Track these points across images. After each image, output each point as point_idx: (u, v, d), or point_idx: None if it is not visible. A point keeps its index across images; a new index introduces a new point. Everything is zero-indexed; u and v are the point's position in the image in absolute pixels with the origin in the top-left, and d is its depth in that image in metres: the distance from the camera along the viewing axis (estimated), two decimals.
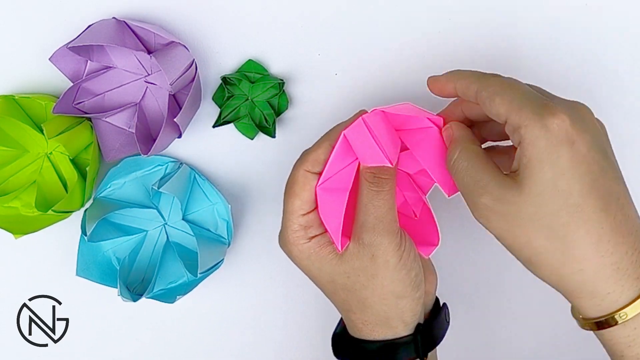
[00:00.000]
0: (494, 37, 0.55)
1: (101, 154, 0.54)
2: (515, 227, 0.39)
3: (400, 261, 0.45)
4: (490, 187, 0.40)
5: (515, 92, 0.40)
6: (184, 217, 0.55)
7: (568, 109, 0.39)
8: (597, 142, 0.39)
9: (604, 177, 0.38)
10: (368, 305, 0.46)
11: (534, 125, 0.38)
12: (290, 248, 0.46)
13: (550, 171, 0.38)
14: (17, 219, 0.54)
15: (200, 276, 0.53)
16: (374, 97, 0.56)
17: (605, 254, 0.38)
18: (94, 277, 0.54)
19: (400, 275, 0.45)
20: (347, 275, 0.46)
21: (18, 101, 0.53)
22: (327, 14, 0.55)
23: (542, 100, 0.39)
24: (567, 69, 0.55)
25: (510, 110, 0.39)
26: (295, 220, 0.46)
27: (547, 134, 0.38)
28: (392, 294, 0.45)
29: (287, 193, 0.46)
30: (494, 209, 0.40)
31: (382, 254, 0.44)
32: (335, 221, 0.45)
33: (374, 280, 0.45)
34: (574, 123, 0.38)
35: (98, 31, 0.50)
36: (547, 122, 0.38)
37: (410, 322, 0.47)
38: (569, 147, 0.38)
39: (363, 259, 0.45)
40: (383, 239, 0.44)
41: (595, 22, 0.55)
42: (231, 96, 0.55)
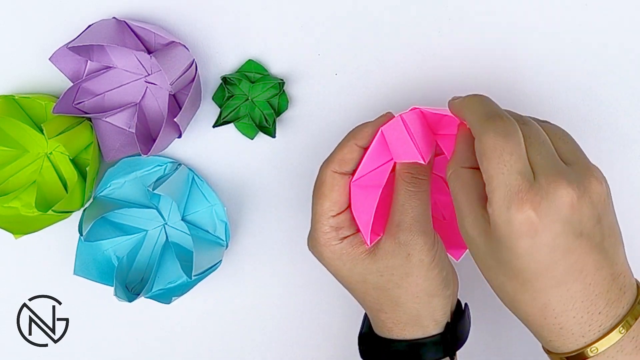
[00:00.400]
0: (494, 37, 0.55)
1: (101, 154, 0.54)
2: (480, 263, 0.41)
3: (434, 260, 0.46)
4: (466, 222, 0.41)
5: (500, 164, 0.38)
6: (183, 217, 0.55)
7: (542, 198, 0.37)
8: (570, 227, 0.38)
9: (568, 258, 0.38)
10: (401, 303, 0.47)
11: (499, 214, 0.38)
12: (321, 250, 0.46)
13: (506, 252, 0.38)
14: (17, 219, 0.54)
15: (195, 278, 0.53)
16: (374, 97, 0.56)
17: (549, 317, 0.40)
18: (93, 276, 0.54)
19: (433, 274, 0.46)
20: (380, 273, 0.46)
21: (18, 101, 0.53)
22: (327, 14, 0.55)
23: (518, 187, 0.38)
24: (567, 69, 0.55)
25: (489, 183, 0.39)
26: (326, 222, 0.46)
27: (509, 227, 0.38)
28: (425, 292, 0.46)
29: (316, 195, 0.46)
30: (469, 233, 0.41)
31: (417, 253, 0.45)
32: (366, 216, 0.45)
33: (408, 279, 0.46)
34: (542, 217, 0.37)
35: (98, 31, 0.50)
36: (512, 217, 0.37)
37: (441, 320, 0.47)
38: (529, 238, 0.38)
39: (398, 257, 0.45)
40: (419, 239, 0.45)
41: (596, 22, 0.55)
42: (231, 96, 0.55)
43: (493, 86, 0.55)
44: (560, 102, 0.56)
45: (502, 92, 0.55)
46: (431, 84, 0.55)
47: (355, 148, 0.46)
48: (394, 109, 0.56)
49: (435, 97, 0.55)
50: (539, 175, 0.38)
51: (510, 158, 0.38)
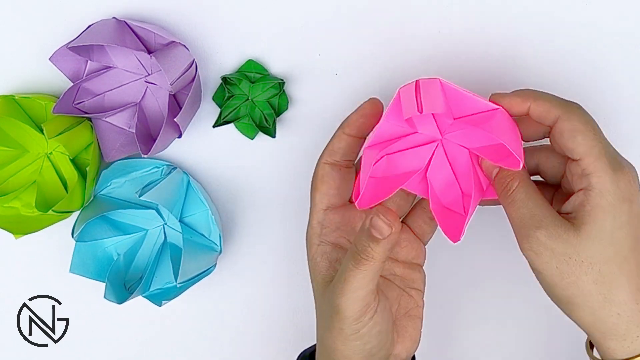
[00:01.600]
0: (494, 37, 0.55)
1: (101, 154, 0.54)
2: (565, 266, 0.41)
3: (355, 334, 0.43)
4: (547, 223, 0.41)
5: (596, 136, 0.41)
6: (181, 219, 0.55)
7: (630, 167, 0.42)
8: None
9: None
10: (323, 346, 0.45)
11: (606, 178, 0.40)
12: (307, 244, 0.47)
13: (611, 224, 0.40)
14: (17, 219, 0.54)
15: (181, 285, 0.53)
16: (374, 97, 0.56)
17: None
18: (90, 274, 0.54)
19: (352, 344, 0.44)
20: (319, 309, 0.46)
21: (18, 101, 0.53)
22: (327, 14, 0.55)
23: (614, 154, 0.42)
24: (567, 68, 0.55)
25: (589, 155, 0.41)
26: (316, 216, 0.46)
27: (616, 190, 0.40)
28: (341, 353, 0.44)
29: (311, 189, 0.47)
30: (547, 245, 0.41)
31: (339, 319, 0.43)
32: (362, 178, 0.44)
33: (327, 334, 0.44)
34: (634, 183, 0.41)
35: (98, 31, 0.50)
36: (619, 179, 0.40)
37: None
38: (629, 205, 0.41)
39: (326, 309, 0.44)
40: (346, 309, 0.42)
41: (596, 22, 0.55)
42: (231, 96, 0.55)
43: (493, 86, 0.55)
44: None
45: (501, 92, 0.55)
46: None
47: (344, 137, 0.46)
48: None
49: None
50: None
51: (601, 133, 0.42)
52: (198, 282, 0.54)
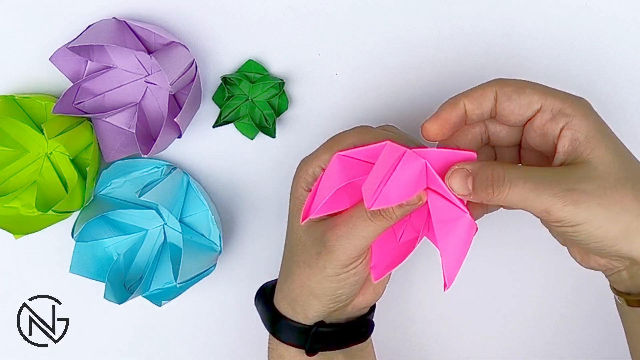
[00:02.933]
0: (494, 37, 0.55)
1: (101, 154, 0.54)
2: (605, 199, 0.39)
3: (335, 277, 0.45)
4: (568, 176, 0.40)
5: (539, 84, 0.42)
6: (181, 220, 0.55)
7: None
8: None
9: None
10: (289, 280, 0.47)
11: (577, 103, 0.41)
12: (295, 178, 0.47)
13: (606, 138, 0.41)
14: (17, 219, 0.54)
15: (181, 285, 0.53)
16: (374, 97, 0.56)
17: None
18: (90, 274, 0.54)
19: (327, 284, 0.45)
20: (297, 242, 0.47)
21: (18, 101, 0.53)
22: (327, 14, 0.55)
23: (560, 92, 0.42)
24: (567, 68, 0.55)
25: (546, 96, 0.41)
26: (313, 167, 0.46)
27: (591, 109, 0.41)
28: (310, 289, 0.46)
29: (328, 144, 0.46)
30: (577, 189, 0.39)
31: (325, 259, 0.45)
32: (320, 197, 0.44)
33: (306, 269, 0.46)
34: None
35: (98, 31, 0.50)
36: (584, 102, 0.42)
37: (311, 318, 0.47)
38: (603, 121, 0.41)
39: (313, 246, 0.45)
40: (336, 251, 0.44)
41: (596, 22, 0.55)
42: (231, 96, 0.55)
43: None
44: None
45: None
46: (431, 84, 0.55)
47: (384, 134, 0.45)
48: (394, 109, 0.56)
49: (435, 97, 0.55)
50: None
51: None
52: (198, 282, 0.54)
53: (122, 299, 0.53)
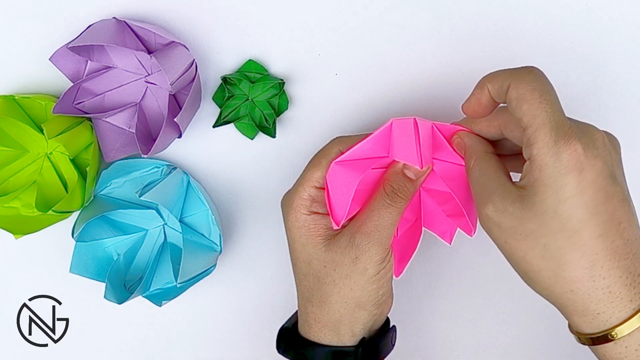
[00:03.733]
0: (494, 37, 0.55)
1: (101, 154, 0.54)
2: (514, 241, 0.40)
3: (377, 275, 0.46)
4: (495, 197, 0.41)
5: (543, 103, 0.39)
6: (181, 219, 0.55)
7: (582, 135, 0.39)
8: (607, 168, 0.39)
9: (608, 203, 0.39)
10: (328, 302, 0.47)
11: (547, 150, 0.38)
12: (289, 211, 0.47)
13: (553, 197, 0.38)
14: (17, 219, 0.54)
15: (181, 285, 0.53)
16: (374, 97, 0.56)
17: (597, 278, 0.39)
18: (90, 274, 0.54)
19: (370, 288, 0.46)
20: (324, 264, 0.46)
21: (18, 101, 0.53)
22: (327, 13, 0.55)
23: (562, 123, 0.39)
24: (567, 68, 0.55)
25: (531, 124, 0.39)
26: (308, 189, 0.46)
27: (557, 163, 0.38)
28: (355, 301, 0.46)
29: (313, 162, 0.47)
30: (494, 220, 0.41)
31: (364, 260, 0.45)
32: (343, 201, 0.45)
33: (346, 281, 0.46)
34: (586, 151, 0.38)
35: (98, 31, 0.50)
36: (560, 150, 0.38)
37: (358, 334, 0.47)
38: (576, 174, 0.38)
39: (346, 256, 0.46)
40: (372, 248, 0.45)
41: (596, 22, 0.55)
42: (231, 96, 0.55)
43: None
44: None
45: None
46: (431, 84, 0.55)
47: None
48: (394, 109, 0.56)
49: (435, 97, 0.55)
50: (570, 121, 0.40)
51: (550, 97, 0.40)
52: (198, 282, 0.54)
53: (122, 299, 0.53)
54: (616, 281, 0.39)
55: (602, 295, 0.39)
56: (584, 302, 0.39)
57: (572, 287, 0.39)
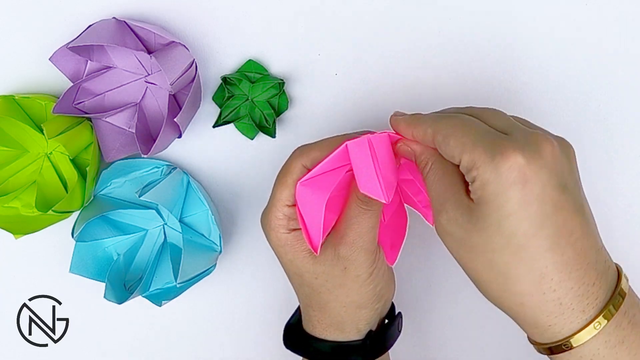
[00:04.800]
0: (494, 37, 0.55)
1: (101, 154, 0.54)
2: (463, 252, 0.40)
3: (370, 276, 0.46)
4: (448, 206, 0.40)
5: (468, 131, 0.39)
6: (181, 220, 0.55)
7: (524, 145, 0.38)
8: (555, 178, 0.38)
9: (558, 214, 0.38)
10: (328, 308, 0.47)
11: (485, 168, 0.37)
12: (269, 232, 0.47)
13: (496, 213, 0.37)
14: (17, 219, 0.54)
15: (181, 285, 0.53)
16: (373, 97, 0.56)
17: (547, 291, 0.38)
18: (90, 274, 0.54)
19: (367, 289, 0.46)
20: (315, 276, 0.46)
21: (18, 101, 0.53)
22: (327, 14, 0.55)
23: (495, 139, 0.38)
24: (567, 68, 0.55)
25: (463, 152, 0.39)
26: (281, 209, 0.46)
27: (497, 178, 0.37)
28: (355, 304, 0.47)
29: (280, 181, 0.46)
30: (447, 229, 0.40)
31: (355, 268, 0.45)
32: (315, 225, 0.44)
33: (340, 289, 0.46)
34: (529, 162, 0.37)
35: (98, 31, 0.50)
36: (498, 165, 0.37)
37: (363, 329, 0.48)
38: (520, 187, 0.37)
39: (335, 268, 0.46)
40: (359, 255, 0.45)
41: (595, 22, 0.55)
42: (231, 96, 0.55)
43: (492, 86, 0.55)
44: (560, 102, 0.56)
45: (502, 92, 0.56)
46: (431, 84, 0.55)
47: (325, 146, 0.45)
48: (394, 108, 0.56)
49: (435, 97, 0.55)
50: (512, 132, 0.39)
51: (474, 125, 0.39)
52: (198, 282, 0.54)
53: (122, 299, 0.53)
54: (567, 293, 0.38)
55: (553, 307, 0.38)
56: (534, 314, 0.39)
57: (521, 300, 0.39)
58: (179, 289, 0.54)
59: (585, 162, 0.56)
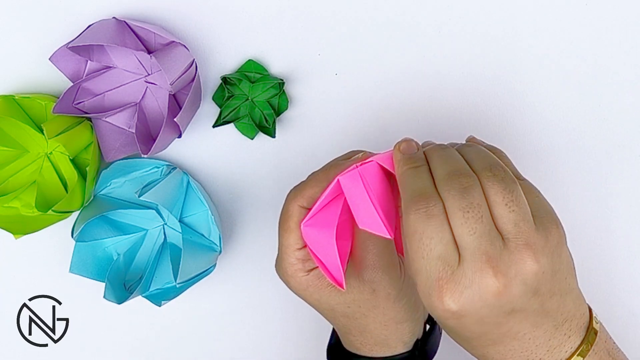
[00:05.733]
0: (494, 37, 0.55)
1: (101, 154, 0.54)
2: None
3: (400, 292, 0.46)
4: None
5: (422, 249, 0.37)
6: (181, 220, 0.55)
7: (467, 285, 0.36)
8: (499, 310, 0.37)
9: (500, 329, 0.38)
10: (369, 330, 0.47)
11: (422, 296, 0.38)
12: (288, 279, 0.46)
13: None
14: (17, 219, 0.54)
15: (181, 285, 0.53)
16: (374, 97, 0.56)
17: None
18: (90, 274, 0.54)
19: (400, 304, 0.46)
20: (347, 305, 0.46)
21: (18, 101, 0.53)
22: (327, 14, 0.55)
23: (438, 273, 0.37)
24: (566, 68, 0.55)
25: (410, 265, 0.38)
26: (292, 254, 0.45)
27: (433, 311, 0.38)
28: (394, 320, 0.46)
29: (282, 227, 0.45)
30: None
31: (383, 288, 0.45)
32: (332, 260, 0.43)
33: (375, 310, 0.46)
34: (463, 304, 0.36)
35: (98, 31, 0.50)
36: (433, 304, 0.37)
37: (409, 341, 0.47)
38: (454, 320, 0.38)
39: (363, 293, 0.45)
40: (384, 275, 0.45)
41: (595, 22, 0.55)
42: (231, 96, 0.55)
43: (492, 86, 0.55)
44: (560, 102, 0.56)
45: (502, 92, 0.56)
46: (431, 84, 0.55)
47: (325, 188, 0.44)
48: (394, 109, 0.56)
49: (435, 97, 0.55)
50: (465, 261, 0.36)
51: (430, 242, 0.37)
52: (198, 282, 0.54)
53: (122, 299, 0.53)
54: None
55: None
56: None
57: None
58: (179, 289, 0.54)
59: (586, 162, 0.56)
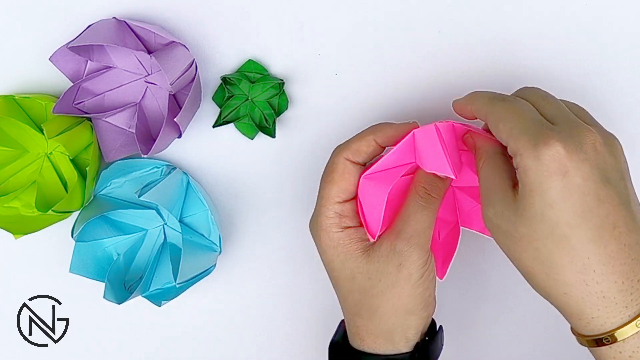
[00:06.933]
0: (494, 37, 0.55)
1: (101, 154, 0.54)
2: (510, 243, 0.41)
3: (421, 278, 0.46)
4: (495, 200, 0.42)
5: (518, 118, 0.41)
6: (181, 220, 0.55)
7: (568, 138, 0.39)
8: (597, 171, 0.39)
9: (600, 207, 0.39)
10: (378, 314, 0.47)
11: (527, 154, 0.39)
12: (320, 234, 0.47)
13: (539, 201, 0.39)
14: (17, 219, 0.54)
15: (181, 285, 0.53)
16: (374, 97, 0.56)
17: (591, 283, 0.39)
18: (90, 274, 0.54)
19: (417, 292, 0.46)
20: (369, 276, 0.46)
21: (18, 101, 0.53)
22: (327, 13, 0.55)
23: (541, 128, 0.40)
24: (566, 68, 0.55)
25: (509, 137, 0.41)
26: (331, 207, 0.46)
27: (539, 165, 0.39)
28: (404, 308, 0.46)
29: (325, 180, 0.47)
30: (494, 222, 0.42)
31: (408, 265, 0.45)
32: (376, 213, 0.45)
33: (393, 290, 0.46)
34: (570, 153, 0.39)
35: (98, 31, 0.50)
36: (540, 153, 0.39)
37: (411, 339, 0.47)
38: (560, 177, 0.39)
39: (389, 264, 0.46)
40: (414, 252, 0.45)
41: (595, 22, 0.55)
42: (231, 96, 0.55)
43: (493, 86, 0.55)
44: None
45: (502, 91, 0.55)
46: (431, 84, 0.55)
47: (373, 143, 0.47)
48: (394, 108, 0.56)
49: (435, 97, 0.56)
50: (560, 123, 0.41)
51: (524, 112, 0.41)
52: (198, 282, 0.54)
53: (122, 299, 0.53)
54: (611, 287, 0.39)
55: (597, 299, 0.39)
56: (578, 305, 0.40)
57: (565, 290, 0.40)
58: (179, 289, 0.54)
59: None
